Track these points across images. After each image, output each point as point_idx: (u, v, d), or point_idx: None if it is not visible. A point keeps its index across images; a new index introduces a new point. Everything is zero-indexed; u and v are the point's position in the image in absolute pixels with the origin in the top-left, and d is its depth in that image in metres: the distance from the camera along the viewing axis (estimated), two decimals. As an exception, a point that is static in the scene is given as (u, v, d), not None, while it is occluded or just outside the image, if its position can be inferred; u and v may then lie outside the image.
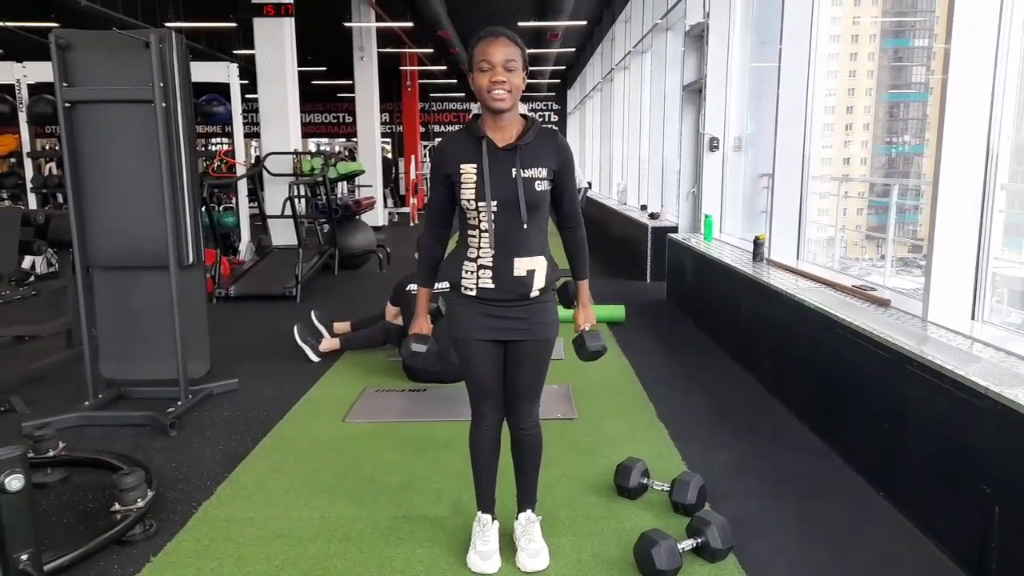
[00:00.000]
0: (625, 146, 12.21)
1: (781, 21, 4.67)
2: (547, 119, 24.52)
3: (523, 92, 2.02)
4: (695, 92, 6.84)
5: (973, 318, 2.92)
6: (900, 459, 2.66)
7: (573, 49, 17.84)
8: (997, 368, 2.33)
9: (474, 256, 2.05)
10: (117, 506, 2.44)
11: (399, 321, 4.60)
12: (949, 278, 2.95)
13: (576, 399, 3.83)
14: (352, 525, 2.52)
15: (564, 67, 21.42)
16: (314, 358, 4.62)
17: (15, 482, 1.76)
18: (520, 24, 12.59)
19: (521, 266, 2.04)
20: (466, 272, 2.07)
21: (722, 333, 5.08)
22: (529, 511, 2.33)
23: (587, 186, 14.77)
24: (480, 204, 1.99)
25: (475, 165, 1.99)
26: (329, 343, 4.69)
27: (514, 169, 1.99)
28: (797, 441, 3.33)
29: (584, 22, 14.10)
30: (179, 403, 3.61)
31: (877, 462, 2.82)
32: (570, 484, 2.82)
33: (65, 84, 3.44)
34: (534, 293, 2.08)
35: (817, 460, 3.11)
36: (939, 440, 2.42)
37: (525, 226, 2.00)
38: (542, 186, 2.01)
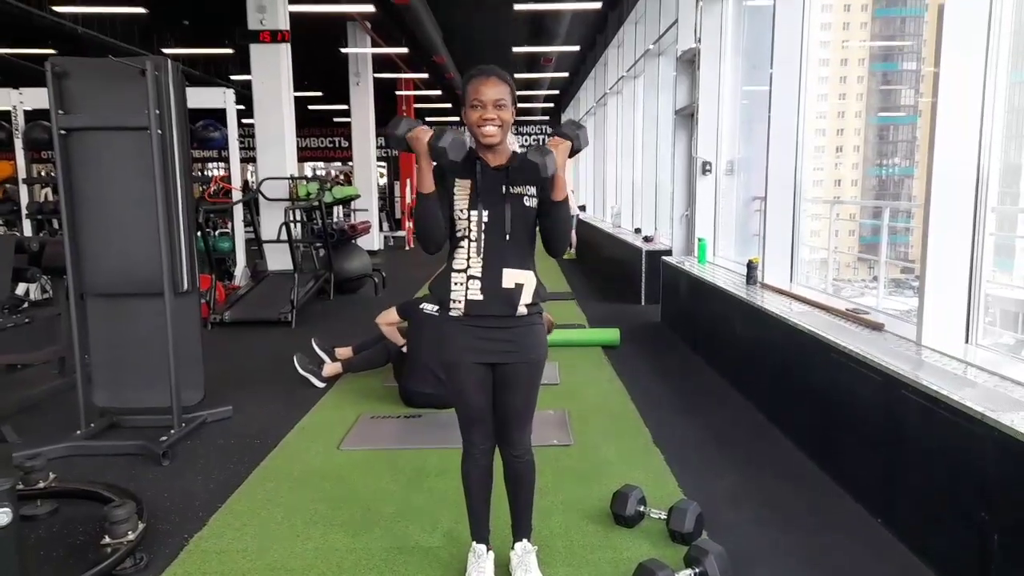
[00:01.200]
0: (618, 169, 12.29)
1: (772, 46, 4.74)
2: (541, 143, 24.68)
3: (518, 117, 2.13)
4: (687, 116, 6.92)
5: (967, 342, 2.92)
6: (898, 486, 2.64)
7: (567, 73, 18.05)
8: (993, 393, 2.34)
9: (463, 267, 2.10)
10: (107, 539, 2.41)
11: (393, 333, 4.59)
12: (942, 302, 2.96)
13: (572, 424, 3.81)
14: (346, 556, 2.48)
15: (558, 91, 21.63)
16: (319, 384, 4.60)
17: (2, 517, 1.74)
18: (514, 49, 12.74)
19: (509, 278, 2.08)
20: (455, 284, 2.10)
21: (717, 357, 5.08)
22: (525, 541, 2.31)
23: (579, 211, 14.67)
24: (472, 212, 2.07)
25: (469, 180, 2.10)
26: (332, 367, 4.67)
27: (504, 186, 2.09)
28: (794, 467, 3.31)
29: (577, 47, 14.27)
30: (172, 431, 3.57)
31: (875, 489, 2.80)
32: (566, 512, 2.79)
33: (61, 112, 3.46)
34: (521, 310, 2.10)
35: (815, 487, 3.09)
36: (936, 467, 2.41)
37: (508, 237, 2.07)
38: (530, 202, 2.10)
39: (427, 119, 23.84)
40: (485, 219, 2.06)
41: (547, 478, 2.99)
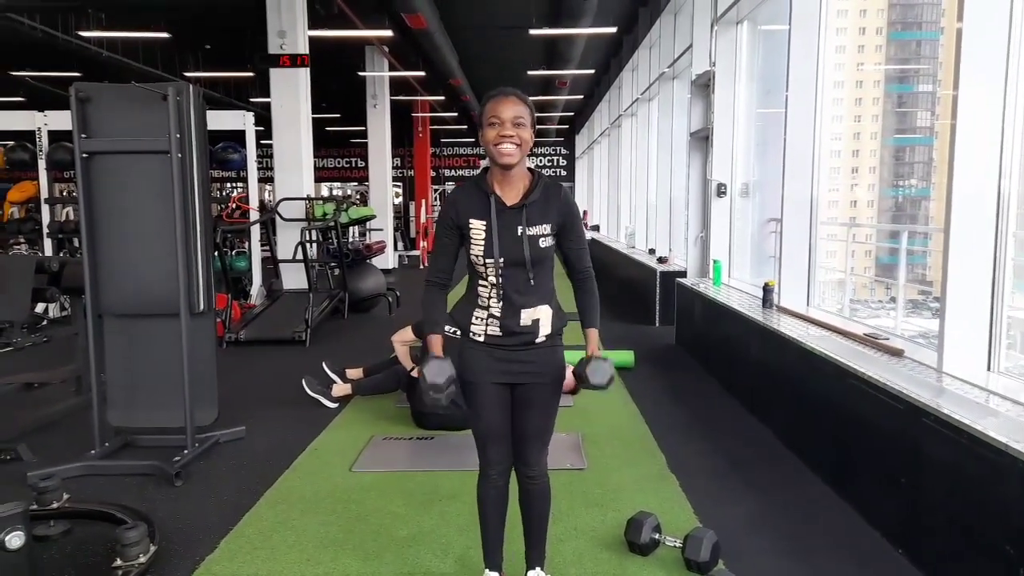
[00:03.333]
0: (633, 190, 12.30)
1: (787, 69, 4.74)
2: (555, 164, 24.83)
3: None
4: (702, 139, 6.92)
5: (989, 369, 2.87)
6: (919, 516, 2.58)
7: (581, 96, 18.16)
8: (1016, 423, 2.28)
9: (484, 305, 2.10)
10: (119, 561, 2.40)
11: (405, 356, 4.60)
12: (963, 329, 2.91)
13: (585, 448, 3.77)
14: (357, 582, 2.46)
15: (572, 113, 21.76)
16: (330, 404, 4.60)
17: (15, 540, 1.74)
18: (529, 72, 12.86)
19: (527, 316, 2.08)
20: (476, 319, 2.11)
21: (733, 380, 5.02)
22: (538, 569, 2.28)
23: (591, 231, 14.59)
24: (488, 260, 2.04)
25: (484, 222, 2.04)
26: (341, 388, 4.67)
27: (520, 227, 2.04)
28: (813, 495, 3.25)
29: (592, 71, 14.37)
30: (186, 452, 3.58)
31: (895, 518, 2.74)
32: (580, 539, 2.75)
33: (83, 136, 3.52)
34: (540, 339, 2.10)
35: (834, 515, 3.03)
36: (959, 497, 2.36)
37: (532, 282, 2.05)
38: (547, 242, 2.07)
39: (443, 141, 24.10)
40: (502, 265, 2.04)
41: (560, 503, 2.95)
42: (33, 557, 1.85)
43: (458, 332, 2.17)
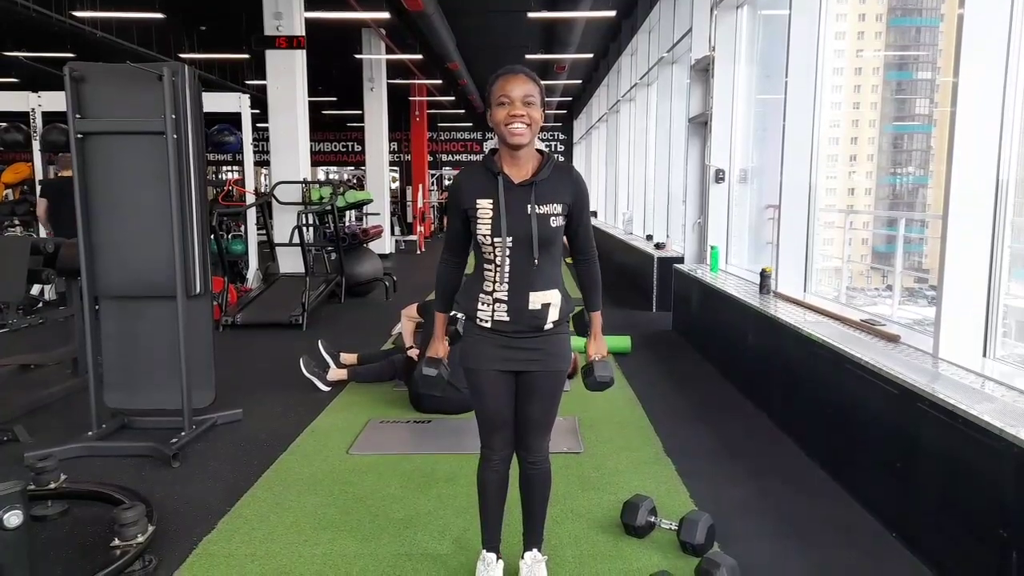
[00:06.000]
0: (631, 176, 12.27)
1: (787, 55, 4.72)
2: (554, 149, 24.74)
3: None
4: (701, 124, 6.89)
5: (985, 355, 2.88)
6: (913, 500, 2.60)
7: (580, 81, 18.08)
8: (1012, 408, 2.30)
9: (490, 289, 2.05)
10: (117, 541, 2.41)
11: (409, 332, 4.60)
12: (960, 315, 2.92)
13: (582, 432, 3.79)
14: (354, 563, 2.47)
15: (571, 98, 21.66)
16: (323, 387, 4.60)
17: (13, 518, 1.74)
18: (527, 57, 12.77)
19: (536, 300, 2.03)
20: (482, 304, 2.06)
21: (729, 365, 5.04)
22: (535, 550, 2.29)
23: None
24: (496, 240, 1.98)
25: (491, 200, 1.98)
26: (336, 373, 4.68)
27: (529, 205, 1.98)
28: (808, 479, 3.27)
29: (590, 55, 14.29)
30: (183, 433, 3.58)
31: (890, 503, 2.76)
32: (576, 521, 2.77)
33: (78, 116, 3.49)
34: (548, 326, 2.08)
35: (829, 499, 3.05)
36: (954, 482, 2.37)
37: (536, 262, 2.00)
38: (557, 222, 2.01)
39: (440, 125, 23.98)
40: (509, 245, 1.98)
41: (557, 486, 2.93)
42: (31, 536, 1.85)
43: (463, 317, 2.14)
